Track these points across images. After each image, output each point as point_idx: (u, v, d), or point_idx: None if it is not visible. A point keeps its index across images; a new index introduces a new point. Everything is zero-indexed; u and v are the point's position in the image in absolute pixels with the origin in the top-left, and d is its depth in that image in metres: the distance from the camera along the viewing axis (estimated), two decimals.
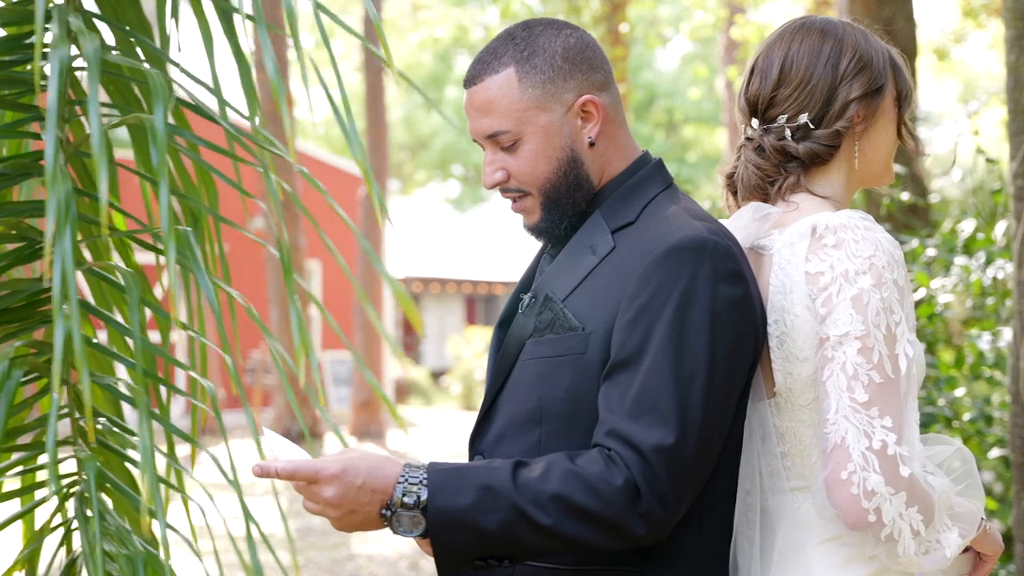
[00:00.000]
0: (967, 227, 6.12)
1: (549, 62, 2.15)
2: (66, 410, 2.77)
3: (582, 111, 2.17)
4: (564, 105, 2.16)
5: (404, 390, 25.23)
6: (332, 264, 23.37)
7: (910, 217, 6.71)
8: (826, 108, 2.23)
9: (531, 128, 2.15)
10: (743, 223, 2.24)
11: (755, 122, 2.29)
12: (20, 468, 2.81)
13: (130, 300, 2.33)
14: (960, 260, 5.95)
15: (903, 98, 2.31)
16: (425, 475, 2.00)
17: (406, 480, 1.99)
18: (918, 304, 5.51)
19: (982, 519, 2.25)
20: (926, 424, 5.17)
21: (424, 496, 1.98)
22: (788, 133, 2.24)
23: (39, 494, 2.81)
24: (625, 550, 2.05)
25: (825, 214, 2.15)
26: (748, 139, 2.31)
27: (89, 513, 2.66)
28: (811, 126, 2.23)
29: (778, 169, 2.26)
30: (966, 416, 5.62)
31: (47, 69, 2.43)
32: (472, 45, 31.23)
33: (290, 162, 2.46)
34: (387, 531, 3.18)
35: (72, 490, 2.62)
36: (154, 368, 2.80)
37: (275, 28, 2.29)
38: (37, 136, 2.57)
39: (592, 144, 2.18)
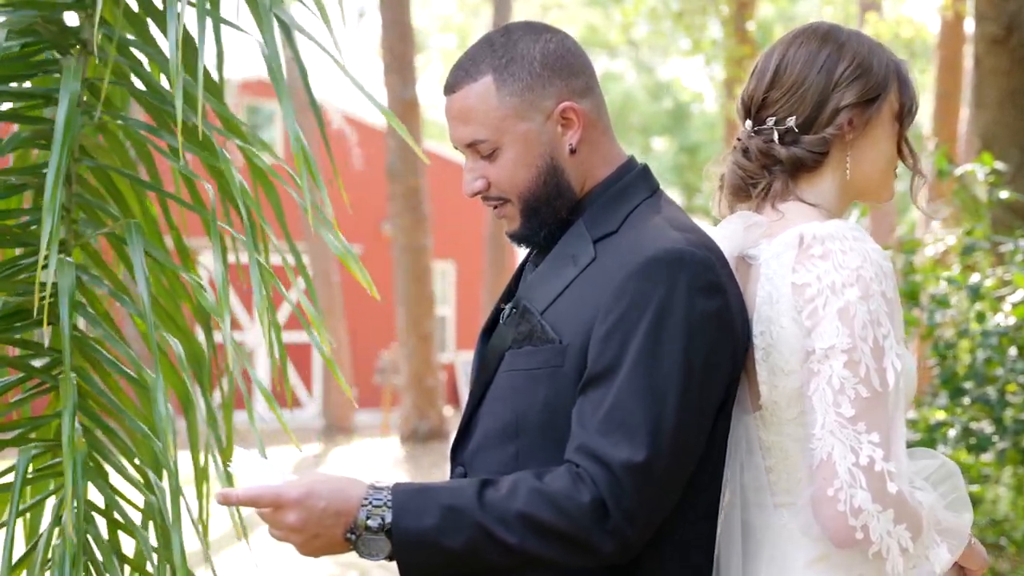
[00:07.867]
0: None
1: (527, 69, 2.11)
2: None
3: (562, 118, 2.13)
4: (543, 113, 2.12)
5: None
6: (465, 264, 23.51)
7: (1012, 216, 6.48)
8: (816, 113, 2.17)
9: (510, 136, 2.12)
10: (731, 231, 2.18)
11: (748, 123, 2.24)
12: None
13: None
14: None
15: (906, 113, 2.23)
16: (390, 496, 1.96)
17: (370, 503, 1.95)
18: (1016, 306, 5.31)
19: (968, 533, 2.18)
20: (1019, 431, 4.99)
21: (388, 518, 1.94)
22: (776, 136, 2.18)
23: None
24: (598, 567, 2.00)
25: (813, 224, 2.08)
26: (739, 140, 2.26)
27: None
28: (797, 130, 2.17)
29: (761, 172, 2.21)
30: None
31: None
32: (604, 45, 31.15)
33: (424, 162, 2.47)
34: None
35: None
36: (203, 369, 2.82)
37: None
38: (46, 147, 2.62)
39: (573, 151, 2.14)
